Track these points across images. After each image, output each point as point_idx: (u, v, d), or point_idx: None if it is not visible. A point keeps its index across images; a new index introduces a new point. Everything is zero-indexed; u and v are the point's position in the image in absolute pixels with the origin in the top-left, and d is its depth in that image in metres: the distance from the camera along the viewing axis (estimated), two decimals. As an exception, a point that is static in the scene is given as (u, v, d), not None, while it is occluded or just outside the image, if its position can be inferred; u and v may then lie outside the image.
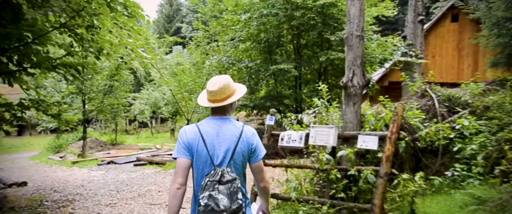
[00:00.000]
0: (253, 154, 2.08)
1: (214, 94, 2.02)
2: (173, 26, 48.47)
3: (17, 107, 5.02)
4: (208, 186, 1.83)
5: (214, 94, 2.02)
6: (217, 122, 2.02)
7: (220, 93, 2.01)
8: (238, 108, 12.03)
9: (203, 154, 1.93)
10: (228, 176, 1.87)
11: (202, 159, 1.94)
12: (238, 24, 10.78)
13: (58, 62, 5.75)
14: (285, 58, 11.41)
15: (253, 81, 11.89)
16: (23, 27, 4.62)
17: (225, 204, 1.80)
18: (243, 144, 2.01)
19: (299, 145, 5.02)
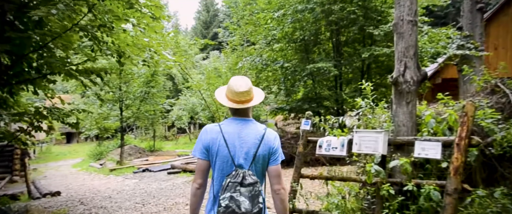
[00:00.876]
0: (272, 156, 2.01)
1: (241, 95, 1.99)
2: (210, 32, 48.95)
3: (33, 116, 4.74)
4: (229, 187, 1.82)
5: (241, 95, 1.99)
6: (240, 123, 2.00)
7: (247, 94, 2.00)
8: (274, 111, 11.35)
9: (224, 154, 1.92)
10: (250, 179, 1.85)
11: (223, 159, 1.93)
12: (271, 22, 10.13)
13: (80, 68, 5.43)
14: (324, 57, 10.58)
15: (289, 83, 11.16)
16: (40, 30, 4.31)
17: (246, 207, 1.79)
18: (265, 147, 1.97)
19: (340, 154, 4.25)
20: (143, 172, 12.24)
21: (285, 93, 11.46)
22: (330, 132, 4.55)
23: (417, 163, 3.69)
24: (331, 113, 10.80)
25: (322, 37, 10.91)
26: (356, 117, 5.03)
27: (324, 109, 10.75)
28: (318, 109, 10.58)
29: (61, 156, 23.09)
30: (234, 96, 2.00)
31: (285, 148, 9.33)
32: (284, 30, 10.14)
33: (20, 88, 5.48)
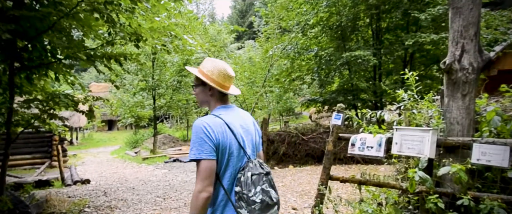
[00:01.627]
0: (260, 141, 1.97)
1: (231, 80, 1.87)
2: (246, 21, 48.56)
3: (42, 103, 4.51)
4: (256, 181, 1.69)
5: (231, 80, 1.87)
6: (232, 110, 1.84)
7: (232, 80, 1.90)
8: (306, 103, 10.70)
9: (236, 147, 1.74)
10: (266, 167, 1.77)
11: (235, 153, 1.73)
12: (305, 5, 9.42)
13: (96, 53, 5.16)
14: (362, 45, 9.73)
15: (324, 72, 10.43)
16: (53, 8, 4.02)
17: (275, 195, 1.71)
18: (258, 133, 1.94)
19: (376, 154, 3.62)
20: (173, 162, 12.16)
21: (319, 83, 10.75)
22: (365, 128, 3.91)
23: (474, 171, 2.98)
24: (368, 106, 9.98)
25: (360, 23, 10.05)
26: (397, 111, 4.33)
27: (361, 102, 9.94)
28: (354, 101, 9.80)
29: (101, 143, 23.90)
30: (226, 81, 1.83)
31: (317, 143, 8.70)
32: (319, 15, 9.40)
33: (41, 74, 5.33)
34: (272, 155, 8.87)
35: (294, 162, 8.76)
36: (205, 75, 1.79)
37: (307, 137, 8.85)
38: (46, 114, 4.65)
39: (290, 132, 8.96)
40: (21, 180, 8.60)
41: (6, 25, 3.51)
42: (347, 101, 9.72)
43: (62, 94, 4.67)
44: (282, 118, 24.34)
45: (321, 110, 10.72)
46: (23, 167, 11.88)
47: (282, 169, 8.37)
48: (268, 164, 8.67)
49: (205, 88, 1.80)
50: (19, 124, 4.58)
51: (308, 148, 8.72)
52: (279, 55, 10.01)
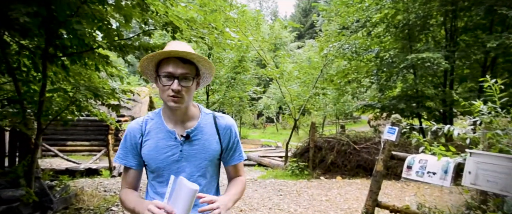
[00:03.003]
0: None
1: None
2: (308, 20, 47.48)
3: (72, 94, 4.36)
4: None
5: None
6: None
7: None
8: (362, 108, 9.71)
9: None
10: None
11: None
12: (366, 0, 8.47)
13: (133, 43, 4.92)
14: (432, 46, 8.52)
15: (385, 76, 9.35)
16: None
17: None
18: None
19: (440, 183, 2.82)
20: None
21: (378, 88, 9.68)
22: (427, 147, 3.09)
23: None
24: (434, 116, 8.74)
25: (432, 22, 8.81)
26: (472, 127, 3.41)
27: (426, 111, 8.72)
28: (418, 110, 8.63)
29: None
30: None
31: (371, 154, 7.76)
32: (383, 12, 8.39)
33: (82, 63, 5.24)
34: (318, 163, 8.12)
35: (343, 173, 7.92)
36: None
37: (360, 146, 7.94)
38: (74, 105, 4.48)
39: (341, 139, 8.11)
40: (73, 167, 8.93)
41: (27, 7, 3.32)
42: (409, 108, 8.57)
43: (93, 87, 4.47)
44: (338, 122, 23.15)
45: (379, 117, 9.67)
46: (82, 153, 12.55)
47: (329, 180, 7.59)
48: (314, 173, 7.93)
49: (196, 81, 1.49)
50: (48, 114, 4.48)
51: (360, 159, 7.81)
52: (334, 54, 9.16)
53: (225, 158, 1.62)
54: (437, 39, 9.19)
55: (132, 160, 1.53)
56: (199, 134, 1.51)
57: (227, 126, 1.58)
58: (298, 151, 8.80)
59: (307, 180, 7.51)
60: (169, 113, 1.51)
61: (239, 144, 1.64)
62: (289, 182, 7.29)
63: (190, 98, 1.47)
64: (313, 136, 8.02)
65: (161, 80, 1.40)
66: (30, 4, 3.60)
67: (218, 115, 1.60)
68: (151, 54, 1.40)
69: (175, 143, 1.48)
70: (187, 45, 1.49)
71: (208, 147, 1.51)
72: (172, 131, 1.49)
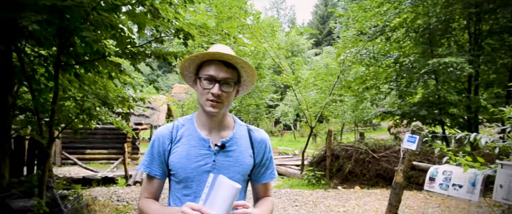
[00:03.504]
0: None
1: None
2: (326, 27, 47.26)
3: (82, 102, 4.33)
4: None
5: None
6: None
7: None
8: (381, 115, 9.39)
9: None
10: None
11: None
12: (384, 5, 8.22)
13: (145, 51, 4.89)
14: (455, 51, 8.17)
15: (405, 82, 9.02)
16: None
17: None
18: None
19: (468, 197, 2.59)
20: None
21: (398, 94, 9.35)
22: (452, 157, 2.86)
23: None
24: (458, 123, 8.33)
25: (454, 26, 8.46)
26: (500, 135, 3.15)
27: (450, 118, 8.33)
28: (440, 117, 8.25)
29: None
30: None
31: (391, 163, 7.45)
32: (402, 16, 8.12)
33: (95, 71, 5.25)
34: (336, 172, 7.85)
35: (361, 183, 7.62)
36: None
37: (379, 155, 7.63)
38: (84, 114, 4.46)
39: (359, 147, 7.83)
40: (90, 175, 8.98)
41: (37, 15, 3.31)
42: (431, 115, 8.21)
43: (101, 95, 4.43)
44: (357, 129, 22.68)
45: (399, 124, 9.32)
46: (100, 162, 12.68)
47: (347, 190, 7.31)
48: (331, 182, 7.67)
49: (236, 88, 1.40)
50: (59, 123, 4.47)
51: (379, 168, 7.50)
52: (352, 60, 8.92)
53: (256, 174, 1.49)
54: (460, 43, 8.81)
55: (158, 168, 1.42)
56: (234, 145, 1.40)
57: (262, 140, 1.48)
58: (314, 159, 8.56)
59: (324, 190, 7.26)
60: (203, 120, 1.40)
61: (272, 160, 1.53)
62: (305, 191, 7.07)
63: (228, 105, 1.37)
64: (329, 144, 7.78)
65: (202, 83, 1.32)
66: (41, 12, 3.60)
67: (252, 128, 1.50)
68: (194, 55, 1.32)
69: (208, 152, 1.36)
70: (230, 49, 1.39)
71: (242, 160, 1.40)
72: (206, 139, 1.37)
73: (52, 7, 3.67)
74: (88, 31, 3.63)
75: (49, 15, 3.53)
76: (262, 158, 1.47)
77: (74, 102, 4.34)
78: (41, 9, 3.70)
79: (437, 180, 2.75)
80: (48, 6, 3.47)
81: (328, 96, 9.24)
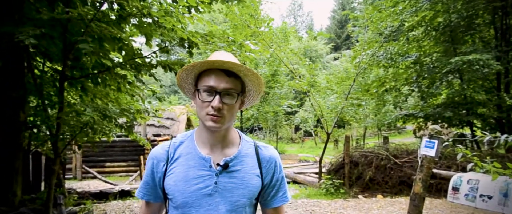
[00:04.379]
0: None
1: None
2: (344, 31, 46.65)
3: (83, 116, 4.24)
4: None
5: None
6: None
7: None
8: (403, 118, 8.93)
9: None
10: None
11: None
12: (401, 3, 7.85)
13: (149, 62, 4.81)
14: (480, 47, 7.68)
15: (426, 82, 8.56)
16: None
17: None
18: None
19: (499, 209, 2.26)
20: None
21: (420, 95, 8.87)
22: (478, 164, 2.53)
23: None
24: (489, 124, 7.79)
25: (478, 21, 7.98)
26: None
27: (479, 119, 7.80)
28: (468, 117, 7.74)
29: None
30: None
31: (414, 169, 7.00)
32: (419, 14, 7.72)
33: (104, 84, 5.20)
34: (355, 180, 7.46)
35: (384, 191, 7.20)
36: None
37: (401, 161, 7.21)
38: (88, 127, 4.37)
39: (379, 153, 7.42)
40: (107, 189, 8.97)
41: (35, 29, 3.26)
42: (457, 117, 7.71)
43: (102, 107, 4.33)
44: (381, 133, 22.01)
45: (423, 126, 8.83)
46: (119, 174, 12.76)
47: (368, 199, 6.91)
48: (351, 191, 7.29)
49: (241, 99, 1.23)
50: (63, 138, 4.40)
51: (402, 175, 7.07)
52: (367, 62, 8.55)
53: (266, 198, 1.32)
54: (486, 40, 8.30)
55: (154, 194, 1.29)
56: (239, 164, 1.23)
57: (271, 159, 1.30)
58: (332, 167, 8.21)
59: (343, 199, 6.90)
60: (204, 136, 1.23)
61: (284, 181, 1.35)
62: (323, 201, 6.73)
63: (232, 119, 1.20)
64: (347, 151, 7.43)
65: (201, 95, 1.16)
66: (40, 26, 3.55)
67: (260, 144, 1.33)
68: (191, 64, 1.16)
69: (208, 173, 1.19)
70: (232, 56, 1.25)
71: (248, 181, 1.22)
72: (207, 158, 1.20)
73: (51, 20, 3.63)
74: (86, 43, 3.54)
75: (49, 29, 3.48)
76: (271, 179, 1.29)
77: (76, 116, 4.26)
78: (40, 23, 3.66)
79: (462, 190, 2.43)
80: (46, 20, 3.42)
81: (344, 100, 8.89)
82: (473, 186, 2.39)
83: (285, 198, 1.33)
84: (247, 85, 1.22)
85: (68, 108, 4.52)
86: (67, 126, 4.31)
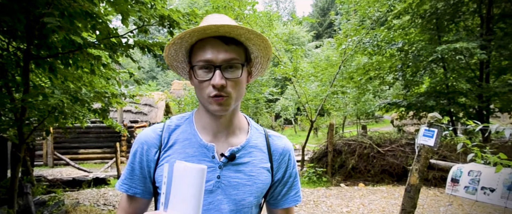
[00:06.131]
0: None
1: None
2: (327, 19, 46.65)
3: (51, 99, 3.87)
4: None
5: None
6: None
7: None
8: (386, 107, 8.91)
9: None
10: None
11: None
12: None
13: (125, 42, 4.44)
14: (464, 36, 7.67)
15: (410, 71, 8.54)
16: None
17: None
18: None
19: (503, 203, 2.14)
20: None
21: (403, 84, 8.86)
22: (478, 154, 2.40)
23: None
24: (468, 114, 7.86)
25: (464, 9, 7.96)
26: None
27: (458, 108, 7.85)
28: (449, 107, 7.77)
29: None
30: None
31: (397, 158, 7.00)
32: (407, 1, 7.61)
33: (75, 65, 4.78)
34: (338, 168, 7.39)
35: (365, 179, 7.16)
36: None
37: (384, 149, 7.17)
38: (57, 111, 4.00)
39: (362, 142, 7.36)
40: (80, 177, 8.56)
41: None
42: (440, 106, 7.73)
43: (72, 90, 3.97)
44: (359, 122, 22.29)
45: (404, 115, 8.85)
46: (94, 161, 12.28)
47: (350, 188, 6.86)
48: (333, 179, 7.21)
49: (247, 70, 1.00)
50: (30, 123, 4.02)
51: (384, 163, 7.04)
52: (354, 49, 8.41)
53: (275, 196, 1.10)
54: (470, 28, 8.30)
55: (140, 185, 1.02)
56: (247, 156, 1.01)
57: (284, 151, 1.08)
58: (315, 155, 8.11)
59: (325, 188, 6.81)
60: (206, 121, 1.01)
61: (297, 178, 1.13)
62: (305, 190, 6.62)
63: (239, 96, 0.97)
64: (331, 139, 7.32)
65: (196, 74, 0.93)
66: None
67: (272, 133, 1.11)
68: (178, 36, 0.91)
69: (211, 165, 0.97)
70: (228, 18, 0.99)
71: (257, 177, 1.01)
72: (209, 147, 0.98)
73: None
74: (52, 17, 3.16)
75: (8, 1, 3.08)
76: (283, 175, 1.08)
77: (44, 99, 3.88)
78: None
79: (462, 182, 2.29)
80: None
81: (329, 88, 8.76)
82: (474, 178, 2.25)
83: (298, 197, 1.13)
84: (252, 51, 0.99)
85: (35, 90, 4.14)
86: (34, 110, 3.92)
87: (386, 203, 5.69)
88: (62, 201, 5.08)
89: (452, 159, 5.84)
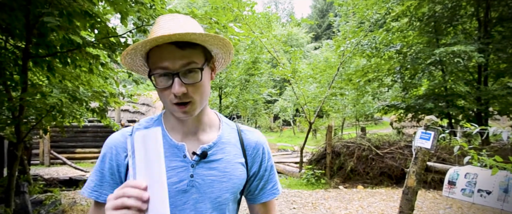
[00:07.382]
0: None
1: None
2: (325, 20, 46.72)
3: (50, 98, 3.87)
4: None
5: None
6: None
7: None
8: (384, 109, 8.92)
9: None
10: None
11: None
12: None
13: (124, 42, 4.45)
14: (462, 39, 7.70)
15: (408, 73, 8.56)
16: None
17: None
18: None
19: (499, 205, 2.15)
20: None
21: (402, 86, 8.88)
22: (474, 157, 2.40)
23: None
24: (467, 116, 7.88)
25: (461, 13, 7.98)
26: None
27: (458, 111, 7.87)
28: (448, 109, 7.79)
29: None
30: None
31: (396, 160, 7.00)
32: (405, 4, 7.63)
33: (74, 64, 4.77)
34: (337, 170, 7.39)
35: (364, 182, 7.17)
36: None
37: (383, 152, 7.18)
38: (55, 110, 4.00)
39: (361, 144, 7.36)
40: (77, 176, 8.53)
41: None
42: (438, 108, 7.75)
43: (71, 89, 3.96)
44: (358, 124, 22.30)
45: (403, 118, 8.86)
46: (91, 161, 12.24)
47: (349, 190, 6.86)
48: (332, 181, 7.22)
49: (209, 68, 0.99)
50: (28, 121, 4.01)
51: (383, 165, 7.05)
52: (352, 51, 8.43)
53: (252, 191, 1.10)
54: (468, 31, 8.33)
55: (111, 191, 0.95)
56: (220, 152, 1.01)
57: (257, 144, 1.08)
58: (314, 157, 8.11)
59: (324, 190, 6.81)
60: (174, 122, 1.01)
61: (273, 171, 1.13)
62: (304, 192, 6.61)
63: (204, 99, 0.96)
64: (330, 141, 7.33)
65: (156, 82, 0.92)
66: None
67: (244, 128, 1.11)
68: (131, 47, 0.89)
69: (182, 164, 0.96)
70: (185, 18, 0.95)
71: (232, 173, 1.01)
72: (179, 146, 0.98)
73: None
74: (51, 17, 3.16)
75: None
76: (258, 169, 1.08)
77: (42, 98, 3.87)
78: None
79: (459, 184, 2.29)
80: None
81: (327, 90, 8.77)
82: (471, 180, 2.26)
83: (276, 190, 1.12)
84: (211, 50, 0.97)
85: (33, 89, 4.13)
86: (32, 109, 3.91)
87: (385, 206, 5.70)
88: (59, 200, 5.07)
89: (451, 161, 5.85)
